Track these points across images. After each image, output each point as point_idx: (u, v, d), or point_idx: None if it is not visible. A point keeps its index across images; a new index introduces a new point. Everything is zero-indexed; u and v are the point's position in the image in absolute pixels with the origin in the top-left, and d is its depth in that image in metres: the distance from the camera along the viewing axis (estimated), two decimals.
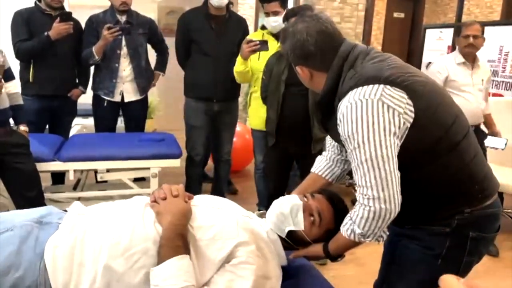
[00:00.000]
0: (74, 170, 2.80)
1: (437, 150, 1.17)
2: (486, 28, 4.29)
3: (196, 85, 3.07)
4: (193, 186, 3.13)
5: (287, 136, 2.51)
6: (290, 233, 1.32)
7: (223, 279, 1.11)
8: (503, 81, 4.31)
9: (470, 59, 3.06)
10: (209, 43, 2.98)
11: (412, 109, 1.12)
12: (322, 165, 1.53)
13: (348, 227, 1.22)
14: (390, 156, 1.10)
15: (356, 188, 1.19)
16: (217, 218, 1.23)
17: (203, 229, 1.18)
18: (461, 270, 1.26)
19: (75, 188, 3.11)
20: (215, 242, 1.16)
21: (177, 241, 1.10)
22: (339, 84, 1.21)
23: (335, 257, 1.32)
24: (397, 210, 1.14)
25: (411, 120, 1.12)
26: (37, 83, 3.00)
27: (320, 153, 1.62)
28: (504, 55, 4.31)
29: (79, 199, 2.82)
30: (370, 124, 1.10)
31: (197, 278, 1.10)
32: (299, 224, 1.31)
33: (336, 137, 1.27)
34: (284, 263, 1.33)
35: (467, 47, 3.02)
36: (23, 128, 2.52)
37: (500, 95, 4.27)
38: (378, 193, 1.12)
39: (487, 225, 1.26)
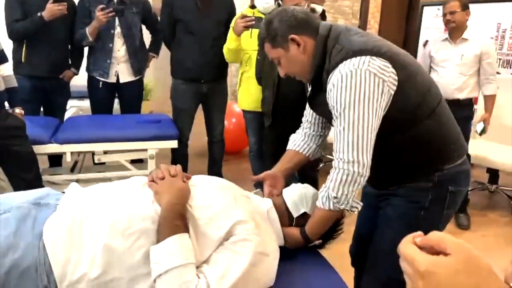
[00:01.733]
0: (71, 152, 2.80)
1: (418, 114, 1.29)
2: (483, 5, 4.25)
3: (183, 65, 3.03)
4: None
5: (284, 116, 2.51)
6: (300, 215, 1.39)
7: (222, 257, 1.12)
8: (500, 59, 4.28)
9: (454, 35, 3.12)
10: (194, 21, 2.92)
11: (396, 77, 1.24)
12: (298, 141, 1.62)
13: (324, 194, 1.30)
14: (371, 122, 1.22)
15: (333, 154, 1.29)
16: (216, 197, 1.24)
17: (202, 208, 1.19)
18: (441, 222, 1.40)
19: (72, 170, 3.12)
20: (213, 221, 1.16)
21: (176, 220, 1.11)
22: (326, 59, 1.31)
23: (311, 240, 1.37)
24: (367, 175, 1.25)
25: (395, 88, 1.24)
26: (30, 64, 2.97)
27: None
28: (502, 32, 4.27)
29: (77, 181, 2.83)
30: (357, 91, 1.20)
31: (196, 257, 1.11)
32: (312, 210, 1.39)
33: (324, 111, 1.37)
34: (282, 243, 1.34)
35: (446, 24, 3.13)
36: (18, 110, 2.50)
37: (498, 73, 4.26)
38: (353, 157, 1.23)
39: (462, 180, 1.41)
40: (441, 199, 1.37)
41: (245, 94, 2.84)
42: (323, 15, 3.39)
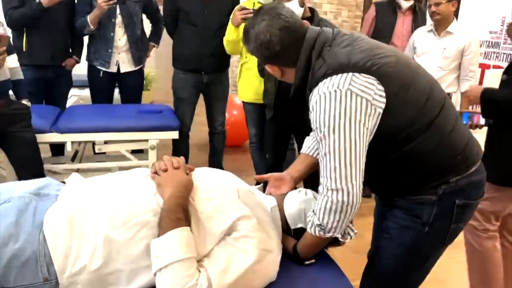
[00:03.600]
0: (72, 142, 2.79)
1: (413, 129, 1.17)
2: None
3: (184, 56, 3.02)
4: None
5: (286, 108, 2.49)
6: (297, 229, 1.34)
7: (224, 252, 1.12)
8: (504, 53, 4.26)
9: (439, 28, 3.04)
10: (196, 13, 2.89)
11: (383, 94, 1.13)
12: (309, 144, 1.55)
13: (310, 219, 1.24)
14: (355, 147, 1.11)
15: (320, 179, 1.19)
16: (218, 191, 1.23)
17: (204, 202, 1.18)
18: (448, 237, 1.29)
19: (73, 159, 3.11)
20: (216, 215, 1.15)
21: (178, 213, 1.10)
22: (309, 75, 1.21)
23: (302, 259, 1.30)
24: (357, 204, 1.15)
25: (383, 106, 1.13)
26: (31, 52, 2.94)
27: None
28: (506, 26, 4.25)
29: (77, 170, 2.83)
30: (337, 115, 1.11)
31: (198, 250, 1.10)
32: None
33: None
34: None
35: (431, 16, 3.04)
36: (25, 102, 2.51)
37: (501, 67, 4.23)
38: (338, 185, 1.13)
39: (472, 192, 1.28)
40: (447, 213, 1.25)
41: (245, 85, 2.83)
42: (414, 10, 3.38)
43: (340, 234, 1.21)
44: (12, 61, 2.45)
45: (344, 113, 1.10)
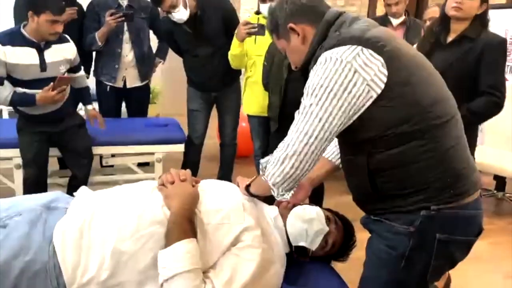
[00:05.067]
0: None
1: (407, 129, 1.07)
2: (491, 12, 4.25)
3: (191, 79, 3.11)
4: (190, 168, 3.13)
5: (290, 121, 2.51)
6: (298, 246, 1.33)
7: (228, 262, 1.13)
8: (508, 65, 4.28)
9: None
10: (190, 46, 2.94)
11: (384, 79, 1.04)
12: (329, 149, 1.47)
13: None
14: (329, 121, 1.06)
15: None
16: (224, 203, 1.25)
17: (210, 214, 1.20)
18: (430, 274, 1.16)
19: None
20: (221, 227, 1.17)
21: (185, 224, 1.12)
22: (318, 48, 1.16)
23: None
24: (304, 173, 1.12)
25: (379, 91, 1.05)
26: None
27: None
28: (510, 38, 4.27)
29: None
30: (327, 82, 1.05)
31: (203, 261, 1.12)
32: (314, 244, 1.32)
33: None
34: (287, 250, 1.34)
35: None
36: (90, 107, 2.75)
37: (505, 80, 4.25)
38: (295, 148, 1.09)
39: (459, 228, 1.14)
40: (426, 247, 1.12)
41: (250, 99, 2.86)
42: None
43: (281, 190, 1.15)
44: (79, 76, 2.70)
45: (333, 83, 1.04)
